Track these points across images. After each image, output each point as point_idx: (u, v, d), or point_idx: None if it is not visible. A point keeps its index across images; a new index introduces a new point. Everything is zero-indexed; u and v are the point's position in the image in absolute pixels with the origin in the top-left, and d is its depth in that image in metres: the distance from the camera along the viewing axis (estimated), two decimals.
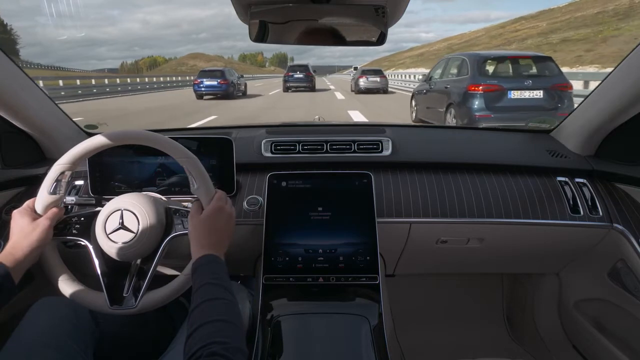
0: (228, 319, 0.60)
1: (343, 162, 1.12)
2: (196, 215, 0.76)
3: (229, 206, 0.80)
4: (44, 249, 0.76)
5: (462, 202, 1.05)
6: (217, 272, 0.69)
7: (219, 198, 0.78)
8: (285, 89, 18.00)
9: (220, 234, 0.76)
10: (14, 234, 0.73)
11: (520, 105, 5.16)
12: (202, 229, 0.75)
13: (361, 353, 0.80)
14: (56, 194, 0.78)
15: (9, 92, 0.95)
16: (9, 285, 0.66)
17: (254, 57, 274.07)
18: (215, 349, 0.54)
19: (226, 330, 0.58)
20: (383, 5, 0.74)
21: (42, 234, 0.73)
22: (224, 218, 0.77)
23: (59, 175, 0.77)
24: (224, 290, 0.65)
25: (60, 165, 0.78)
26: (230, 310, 0.63)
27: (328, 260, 0.93)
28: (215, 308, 0.62)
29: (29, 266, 0.72)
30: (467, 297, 1.61)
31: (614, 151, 1.10)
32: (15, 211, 0.76)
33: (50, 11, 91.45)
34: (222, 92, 14.61)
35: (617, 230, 1.01)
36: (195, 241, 0.74)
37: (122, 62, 66.20)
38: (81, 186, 1.09)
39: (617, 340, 1.07)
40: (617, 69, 0.98)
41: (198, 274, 0.68)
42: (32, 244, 0.72)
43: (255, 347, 0.82)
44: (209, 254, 0.71)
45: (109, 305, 0.76)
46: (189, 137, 1.01)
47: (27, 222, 0.74)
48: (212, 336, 0.56)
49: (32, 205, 0.77)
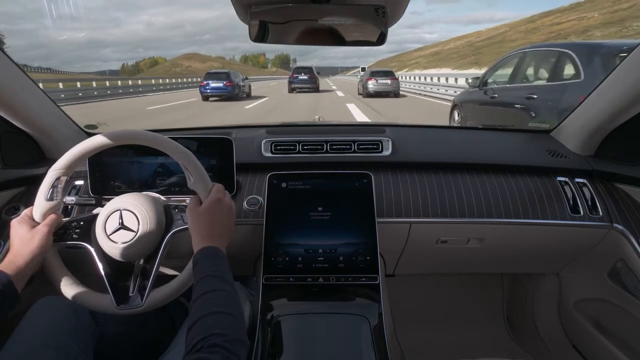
0: (228, 311, 0.61)
1: (343, 162, 1.12)
2: (195, 208, 0.76)
3: (227, 198, 0.80)
4: (45, 255, 0.77)
5: (462, 202, 1.05)
6: (218, 264, 0.69)
7: (217, 190, 0.78)
8: (290, 90, 18.53)
9: (220, 226, 0.76)
10: (14, 243, 0.73)
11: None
12: (202, 221, 0.74)
13: (361, 353, 0.80)
14: (53, 199, 0.77)
15: (9, 92, 0.95)
16: (12, 294, 0.67)
17: (255, 58, 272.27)
18: (215, 341, 0.54)
19: (226, 322, 0.59)
20: (383, 5, 0.74)
21: (42, 241, 0.73)
22: (223, 210, 0.77)
23: (54, 180, 0.77)
24: (224, 282, 0.65)
25: (55, 170, 0.77)
26: (230, 301, 0.63)
27: (328, 260, 0.93)
28: (215, 300, 0.62)
29: (31, 274, 0.72)
30: (467, 297, 1.61)
31: (614, 151, 1.10)
32: (13, 221, 0.76)
33: (55, 13, 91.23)
34: (227, 94, 14.86)
35: (617, 230, 1.01)
36: (196, 233, 0.74)
37: (123, 64, 66.15)
38: (81, 186, 1.09)
39: (617, 340, 1.07)
40: (617, 69, 0.98)
41: (198, 267, 0.68)
42: (33, 252, 0.72)
43: (255, 347, 0.82)
44: (210, 246, 0.71)
45: (116, 306, 0.77)
46: (189, 137, 1.01)
47: (26, 230, 0.74)
48: (212, 328, 0.57)
49: (30, 214, 0.77)
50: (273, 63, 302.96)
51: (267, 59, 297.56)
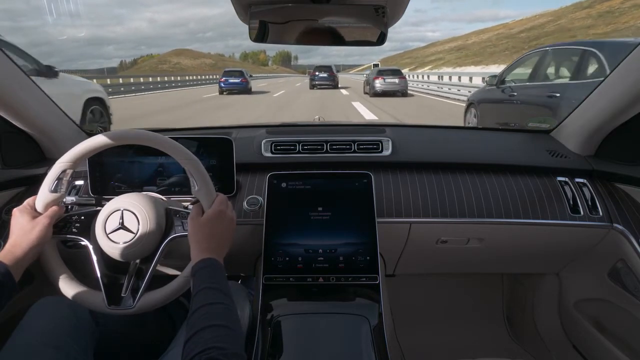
0: (226, 324, 0.60)
1: (343, 162, 1.12)
2: (197, 218, 0.76)
3: (229, 210, 0.80)
4: (44, 247, 0.76)
5: (462, 202, 1.05)
6: (216, 276, 0.68)
7: (220, 202, 0.78)
8: (311, 87, 21.19)
9: (220, 238, 0.76)
10: (14, 232, 0.73)
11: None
12: (202, 232, 0.74)
13: (361, 353, 0.80)
14: (57, 192, 0.78)
15: (9, 92, 0.95)
16: (10, 284, 0.67)
17: (256, 56, 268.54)
18: (213, 355, 0.54)
19: (224, 336, 0.58)
20: (383, 5, 0.74)
21: (42, 232, 0.74)
22: (224, 222, 0.77)
23: (60, 173, 0.77)
24: (223, 295, 0.65)
25: (62, 163, 0.78)
26: (228, 315, 0.63)
27: (328, 260, 0.93)
28: (214, 313, 0.62)
29: (28, 264, 0.72)
30: (467, 297, 1.61)
31: (614, 151, 1.10)
32: (15, 209, 0.76)
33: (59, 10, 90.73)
34: (242, 88, 18.01)
35: (617, 230, 1.01)
36: (195, 244, 0.74)
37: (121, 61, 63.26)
38: (81, 186, 1.09)
39: (617, 340, 1.07)
40: (617, 68, 0.98)
41: (197, 278, 0.68)
42: (32, 242, 0.72)
43: (255, 347, 0.82)
44: (208, 257, 0.71)
45: (107, 305, 0.76)
46: (189, 137, 1.02)
47: (27, 220, 0.74)
48: (210, 341, 0.56)
49: (32, 204, 0.78)
50: (274, 60, 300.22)
51: (267, 56, 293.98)
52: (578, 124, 1.16)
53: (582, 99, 1.12)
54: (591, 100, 1.08)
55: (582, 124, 1.14)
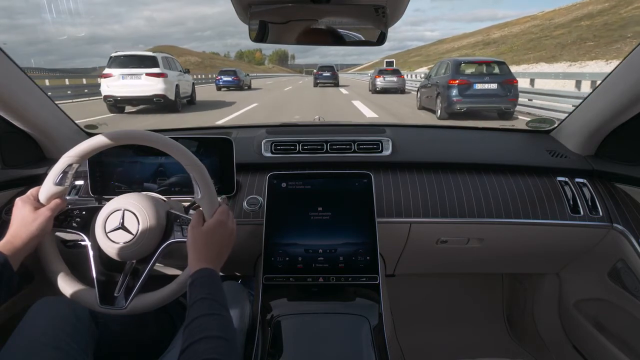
0: (222, 335, 0.60)
1: (343, 162, 1.12)
2: (197, 226, 0.75)
3: (230, 221, 0.79)
4: (43, 239, 0.76)
5: (462, 202, 1.05)
6: (213, 287, 0.68)
7: (222, 212, 0.77)
8: (315, 85, 24.01)
9: (218, 249, 0.75)
10: (14, 222, 0.73)
11: (482, 94, 8.02)
12: (202, 241, 0.74)
13: (361, 353, 0.80)
14: (61, 185, 0.77)
15: (9, 92, 0.95)
16: (9, 274, 0.67)
17: (251, 54, 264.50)
18: None
19: (220, 347, 0.58)
20: (383, 5, 0.74)
21: (43, 224, 0.73)
22: (225, 233, 0.76)
23: (66, 167, 0.77)
24: (219, 306, 0.65)
25: (69, 157, 0.77)
26: (224, 326, 0.63)
27: (328, 260, 0.93)
28: (210, 324, 0.61)
29: (26, 254, 0.72)
30: (467, 297, 1.61)
31: (614, 151, 1.10)
32: (18, 199, 0.76)
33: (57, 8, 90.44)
34: (235, 85, 20.58)
35: (617, 230, 1.01)
36: (193, 253, 0.73)
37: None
38: (81, 186, 1.09)
39: (617, 340, 1.07)
40: (617, 69, 0.97)
41: (194, 288, 0.67)
42: (32, 234, 0.72)
43: (255, 347, 0.82)
44: (206, 267, 0.70)
45: (99, 304, 0.76)
46: (189, 137, 1.01)
47: (28, 211, 0.74)
48: (205, 353, 0.56)
49: (35, 195, 0.77)
50: (270, 59, 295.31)
51: (264, 55, 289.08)
52: (578, 124, 1.16)
53: (582, 99, 1.12)
54: (591, 100, 1.08)
55: (582, 124, 1.14)
